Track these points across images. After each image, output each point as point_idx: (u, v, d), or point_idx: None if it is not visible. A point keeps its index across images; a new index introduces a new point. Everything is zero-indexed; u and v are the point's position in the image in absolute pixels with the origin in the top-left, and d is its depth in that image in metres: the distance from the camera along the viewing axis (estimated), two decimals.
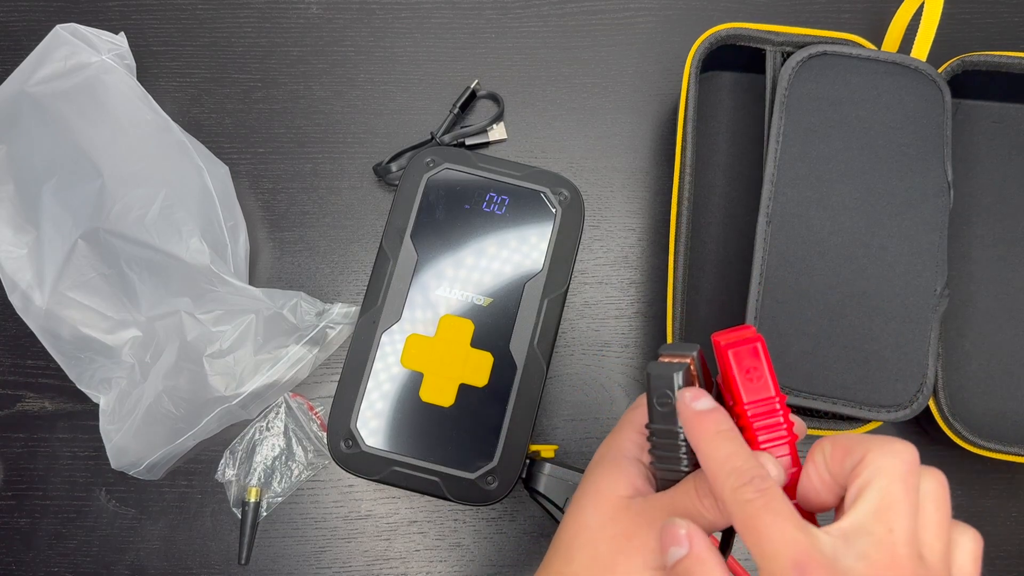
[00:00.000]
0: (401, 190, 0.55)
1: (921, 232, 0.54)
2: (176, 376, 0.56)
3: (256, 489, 0.58)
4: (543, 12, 0.66)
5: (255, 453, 0.59)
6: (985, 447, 0.54)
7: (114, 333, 0.57)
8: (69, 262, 0.56)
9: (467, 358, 0.52)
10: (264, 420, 0.59)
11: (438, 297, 0.53)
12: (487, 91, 0.64)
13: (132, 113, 0.58)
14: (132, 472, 0.57)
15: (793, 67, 0.56)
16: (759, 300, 0.53)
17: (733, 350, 0.34)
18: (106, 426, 0.57)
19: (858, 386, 0.52)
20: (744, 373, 0.34)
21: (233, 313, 0.56)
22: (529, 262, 0.53)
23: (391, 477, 0.51)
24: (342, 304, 0.59)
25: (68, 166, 0.57)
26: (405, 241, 0.54)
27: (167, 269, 0.56)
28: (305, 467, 0.59)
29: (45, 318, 0.56)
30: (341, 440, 0.51)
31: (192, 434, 0.57)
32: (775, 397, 0.34)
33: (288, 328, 0.57)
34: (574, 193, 0.55)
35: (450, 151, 0.56)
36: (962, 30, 0.65)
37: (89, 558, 0.59)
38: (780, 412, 0.34)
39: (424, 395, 0.52)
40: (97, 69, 0.58)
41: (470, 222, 0.54)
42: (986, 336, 0.60)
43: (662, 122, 0.65)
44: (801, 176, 0.54)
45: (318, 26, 0.66)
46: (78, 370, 0.58)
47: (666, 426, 0.34)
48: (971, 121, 0.63)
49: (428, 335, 0.53)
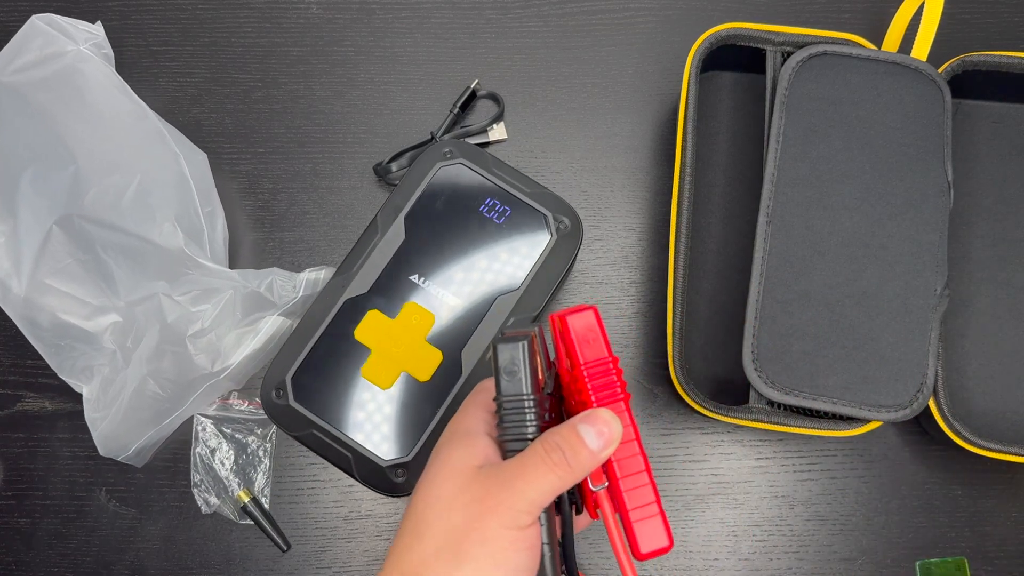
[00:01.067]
0: (411, 171, 0.56)
1: (921, 232, 0.54)
2: (160, 358, 0.56)
3: (241, 491, 0.58)
4: (543, 12, 0.66)
5: (214, 470, 0.59)
6: (985, 447, 0.54)
7: (93, 319, 0.57)
8: (45, 249, 0.56)
9: (418, 349, 0.52)
10: (196, 445, 0.59)
11: (411, 283, 0.53)
12: (487, 91, 0.64)
13: (109, 101, 0.58)
14: (120, 457, 0.57)
15: (793, 67, 0.56)
16: (759, 300, 0.53)
17: (571, 316, 0.38)
18: (91, 414, 0.57)
19: (858, 386, 0.52)
20: (581, 337, 0.38)
21: (210, 292, 0.56)
22: (509, 277, 0.54)
23: (308, 439, 0.52)
24: (311, 269, 0.59)
25: (45, 154, 0.57)
26: (398, 220, 0.54)
27: (142, 253, 0.56)
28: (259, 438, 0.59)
29: (24, 306, 0.57)
30: (273, 389, 0.52)
31: (179, 414, 0.57)
32: (608, 358, 0.37)
33: (267, 304, 0.57)
34: (575, 224, 0.55)
35: (470, 148, 0.56)
36: (962, 30, 0.65)
37: (89, 558, 0.59)
38: (613, 372, 0.37)
39: (365, 372, 0.52)
40: (74, 58, 0.58)
41: (466, 222, 0.55)
42: (986, 336, 0.60)
43: (662, 122, 0.65)
44: (801, 176, 0.54)
45: (318, 26, 0.66)
46: (59, 359, 0.57)
47: (514, 393, 0.37)
48: (971, 121, 0.63)
49: (389, 316, 0.53)
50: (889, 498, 0.60)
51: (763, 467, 0.60)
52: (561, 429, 0.36)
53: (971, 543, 0.59)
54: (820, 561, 0.59)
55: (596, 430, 0.36)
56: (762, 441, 0.60)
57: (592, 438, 0.36)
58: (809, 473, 0.60)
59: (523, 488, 0.35)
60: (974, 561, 0.58)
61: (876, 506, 0.59)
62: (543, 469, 0.36)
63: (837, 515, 0.59)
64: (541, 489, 0.35)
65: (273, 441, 0.60)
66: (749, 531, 0.59)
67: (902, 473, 0.60)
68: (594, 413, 0.37)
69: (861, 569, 0.59)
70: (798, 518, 0.59)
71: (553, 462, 0.35)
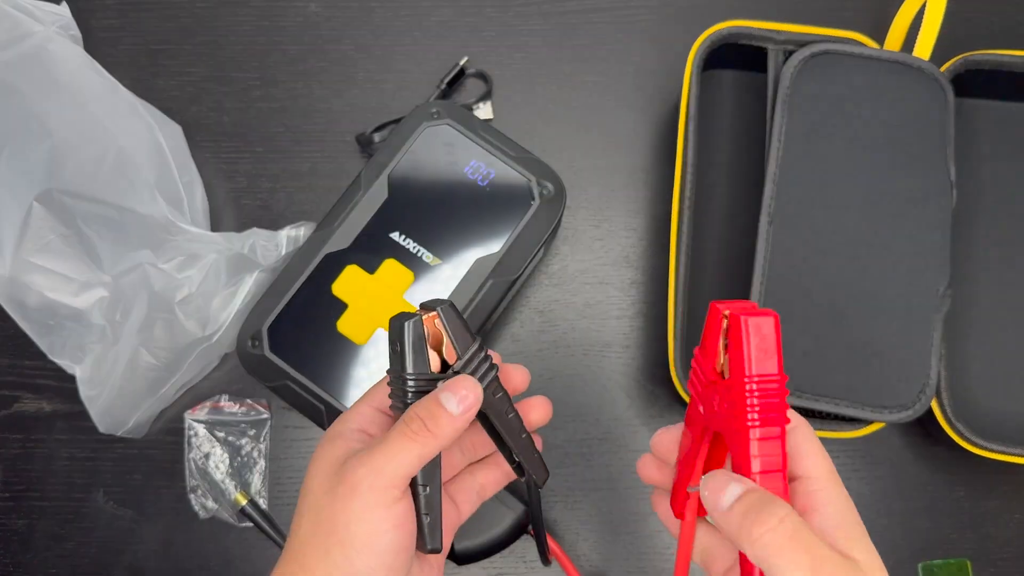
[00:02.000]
0: (397, 130, 0.56)
1: (924, 232, 0.53)
2: (150, 328, 0.56)
3: (239, 494, 0.58)
4: (544, 10, 0.66)
5: (209, 474, 0.59)
6: (988, 448, 0.54)
7: (80, 295, 0.57)
8: (27, 227, 0.56)
9: (395, 306, 0.53)
10: (190, 451, 0.59)
11: (391, 241, 0.54)
12: (476, 69, 0.64)
13: (79, 78, 0.58)
14: (120, 432, 0.57)
15: (795, 66, 0.55)
16: (761, 300, 0.52)
17: (752, 317, 0.32)
18: (87, 392, 0.56)
19: (861, 387, 0.51)
20: (758, 344, 0.32)
21: (195, 258, 0.56)
22: (489, 240, 0.54)
23: (282, 390, 0.52)
24: (291, 226, 0.59)
25: (18, 133, 0.57)
26: (382, 177, 0.55)
27: (124, 224, 0.56)
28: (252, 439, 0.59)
29: (9, 286, 0.56)
30: (249, 338, 0.53)
31: (174, 381, 0.57)
32: (779, 376, 0.33)
33: (251, 265, 0.57)
34: (558, 190, 0.55)
35: (457, 109, 0.56)
36: (965, 29, 0.64)
37: (87, 560, 0.58)
38: (779, 393, 0.33)
39: (341, 326, 0.52)
40: (41, 39, 0.58)
41: (450, 182, 0.55)
42: (989, 336, 0.59)
43: (663, 121, 0.64)
44: (803, 175, 0.54)
45: (317, 24, 0.66)
46: (49, 339, 0.57)
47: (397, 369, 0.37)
48: (974, 120, 0.62)
49: (368, 272, 0.53)
50: (891, 500, 0.59)
51: None
52: (422, 400, 0.36)
53: (974, 545, 0.59)
54: None
55: (458, 396, 0.36)
56: None
57: (452, 403, 0.36)
58: None
59: (383, 464, 0.35)
60: (977, 563, 0.58)
61: (878, 508, 0.59)
62: (402, 441, 0.35)
63: None
64: (401, 462, 0.35)
65: (267, 442, 0.59)
66: None
67: (904, 475, 0.60)
68: (455, 380, 0.37)
69: None
70: None
71: (413, 431, 0.35)
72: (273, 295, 0.53)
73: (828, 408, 0.51)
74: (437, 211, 0.54)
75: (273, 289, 0.54)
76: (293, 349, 0.52)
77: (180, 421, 0.60)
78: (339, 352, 0.52)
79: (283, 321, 0.53)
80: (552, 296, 0.62)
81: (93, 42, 0.63)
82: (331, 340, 0.52)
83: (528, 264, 0.55)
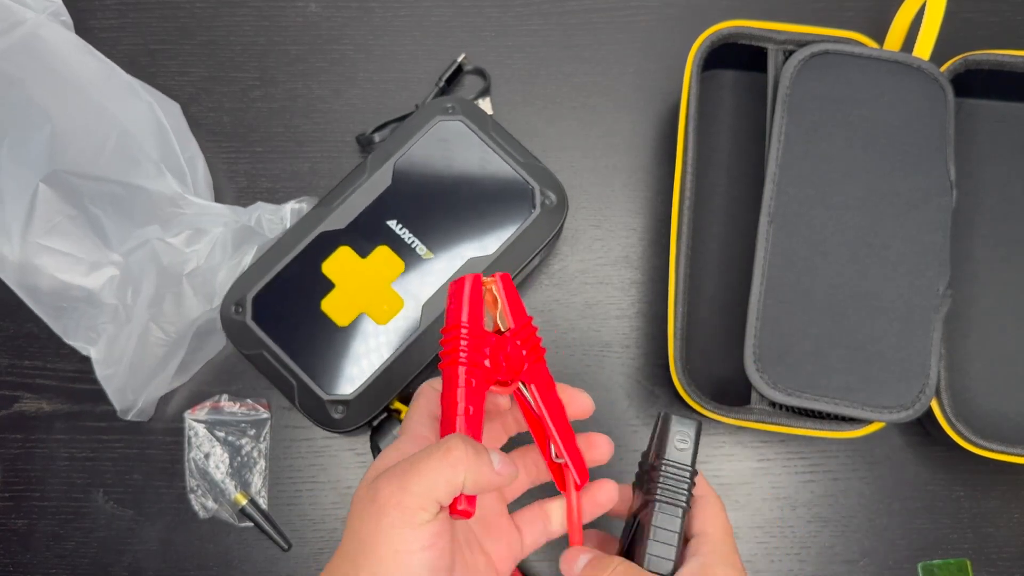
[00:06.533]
0: (410, 120, 0.56)
1: (924, 232, 0.53)
2: (159, 303, 0.56)
3: (239, 494, 0.58)
4: (544, 10, 0.66)
5: (209, 474, 0.59)
6: (988, 448, 0.54)
7: (91, 275, 0.57)
8: (34, 209, 0.56)
9: (382, 293, 0.53)
10: (190, 451, 0.59)
11: (387, 228, 0.54)
12: (474, 66, 0.64)
13: (75, 62, 0.59)
14: (131, 415, 0.57)
15: (795, 66, 0.55)
16: (761, 300, 0.52)
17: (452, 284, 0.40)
18: (103, 372, 0.57)
19: (861, 387, 0.51)
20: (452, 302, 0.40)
21: (202, 232, 0.57)
22: (484, 242, 0.54)
23: (257, 359, 0.53)
24: (295, 200, 0.59)
25: (19, 119, 0.57)
26: (387, 164, 0.55)
27: (130, 200, 0.57)
28: (252, 439, 0.59)
29: (20, 271, 0.57)
30: (233, 304, 0.53)
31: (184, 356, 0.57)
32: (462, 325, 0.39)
33: (256, 238, 0.58)
34: (560, 201, 0.55)
35: (472, 107, 0.57)
36: (965, 29, 0.64)
37: (87, 560, 0.58)
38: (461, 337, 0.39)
39: (325, 305, 0.53)
40: (32, 26, 0.59)
41: (453, 178, 0.55)
42: (989, 336, 0.59)
43: (663, 121, 0.64)
44: (803, 175, 0.54)
45: (316, 24, 0.66)
46: (63, 323, 0.57)
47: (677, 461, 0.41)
48: (974, 120, 0.62)
49: (360, 255, 0.54)
50: (891, 499, 0.59)
51: (765, 468, 0.60)
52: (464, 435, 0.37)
53: (973, 544, 0.59)
54: (822, 563, 0.59)
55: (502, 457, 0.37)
56: (764, 442, 0.60)
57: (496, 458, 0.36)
58: (811, 474, 0.60)
59: (416, 483, 0.34)
60: (977, 563, 0.58)
61: (878, 507, 0.59)
62: (437, 462, 0.35)
63: (839, 517, 0.59)
64: (434, 482, 0.34)
65: (267, 442, 0.59)
66: (751, 533, 0.59)
67: (904, 474, 0.60)
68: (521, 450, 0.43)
69: (863, 571, 0.58)
70: (800, 520, 0.59)
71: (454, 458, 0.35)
72: (263, 265, 0.54)
73: (828, 408, 0.51)
74: (437, 205, 0.55)
75: (264, 259, 0.54)
76: (274, 321, 0.53)
77: (180, 421, 0.60)
78: (319, 330, 0.53)
79: (269, 292, 0.53)
80: (552, 296, 0.62)
81: (93, 42, 0.62)
82: (313, 318, 0.53)
83: (521, 270, 0.55)
